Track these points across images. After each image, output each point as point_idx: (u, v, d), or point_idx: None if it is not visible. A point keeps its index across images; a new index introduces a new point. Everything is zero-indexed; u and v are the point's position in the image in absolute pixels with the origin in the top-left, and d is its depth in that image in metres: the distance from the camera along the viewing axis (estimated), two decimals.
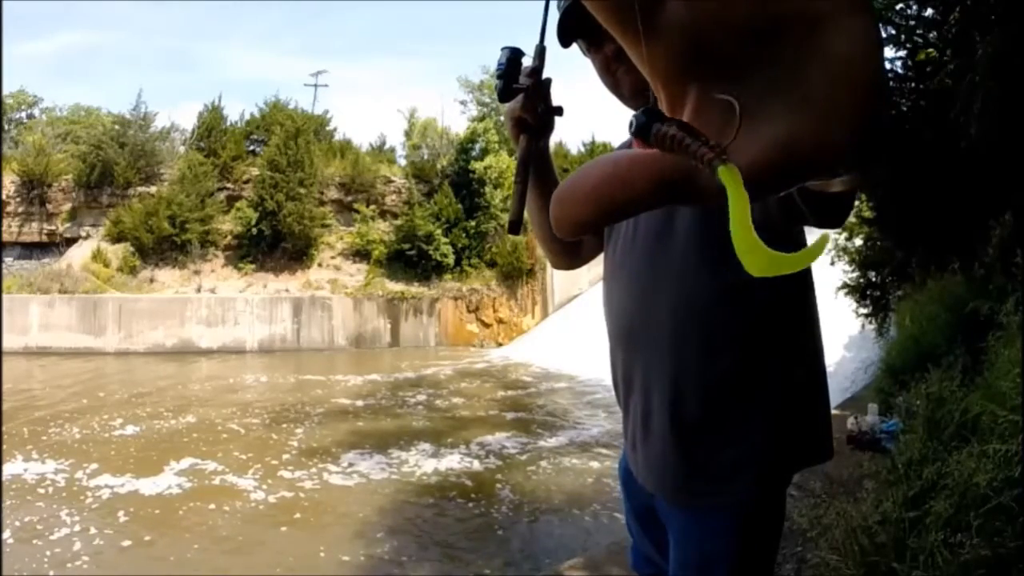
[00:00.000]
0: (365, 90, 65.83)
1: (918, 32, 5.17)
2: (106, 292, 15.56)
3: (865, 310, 7.59)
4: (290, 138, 18.02)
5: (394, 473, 6.27)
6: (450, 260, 17.87)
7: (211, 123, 19.35)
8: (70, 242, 17.56)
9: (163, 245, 17.10)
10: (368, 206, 18.69)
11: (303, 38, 71.61)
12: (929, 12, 5.10)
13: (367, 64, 69.93)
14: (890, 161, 4.84)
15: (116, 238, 17.06)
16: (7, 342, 13.03)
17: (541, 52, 0.87)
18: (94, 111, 23.81)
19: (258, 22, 78.43)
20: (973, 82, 3.78)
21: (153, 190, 17.75)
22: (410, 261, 17.80)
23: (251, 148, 19.86)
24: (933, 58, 5.02)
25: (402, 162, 21.20)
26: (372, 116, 55.85)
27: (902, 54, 5.29)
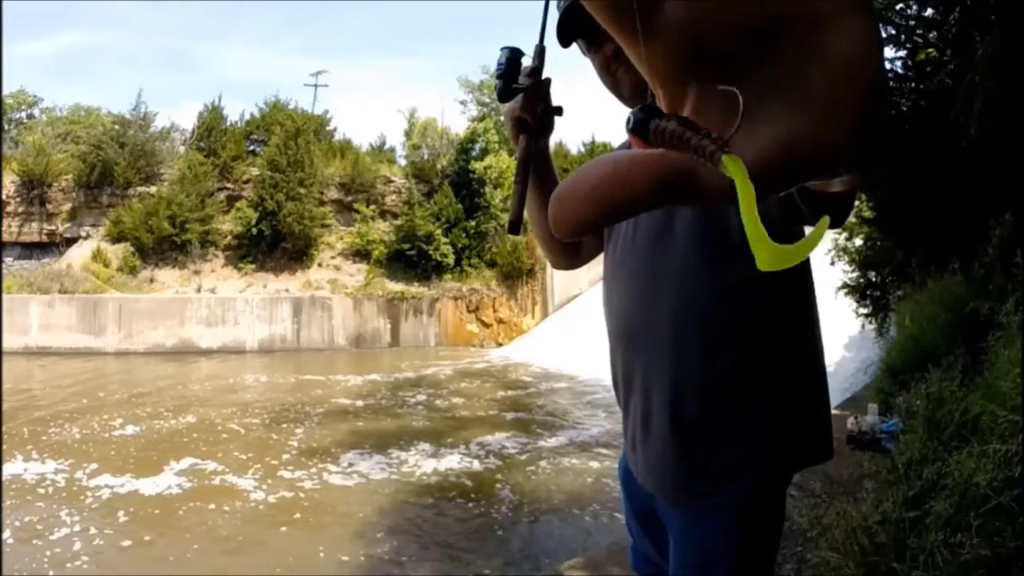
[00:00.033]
0: (365, 90, 65.80)
1: (918, 32, 5.17)
2: (106, 292, 15.56)
3: (865, 310, 7.58)
4: (290, 138, 18.02)
5: (394, 473, 6.27)
6: (450, 260, 17.87)
7: (211, 123, 19.35)
8: (70, 242, 17.56)
9: (163, 245, 17.10)
10: (368, 206, 18.69)
11: (303, 38, 71.56)
12: (929, 12, 5.10)
13: (367, 64, 69.89)
14: (890, 161, 4.84)
15: (116, 238, 17.07)
16: (7, 342, 13.03)
17: (541, 52, 0.87)
18: (94, 111, 23.84)
19: (258, 22, 78.38)
20: (973, 82, 3.78)
21: (153, 190, 17.76)
22: (410, 261, 17.80)
23: (251, 148, 19.86)
24: (933, 58, 5.02)
25: (402, 162, 21.22)
26: (372, 116, 55.85)
27: (902, 54, 5.30)
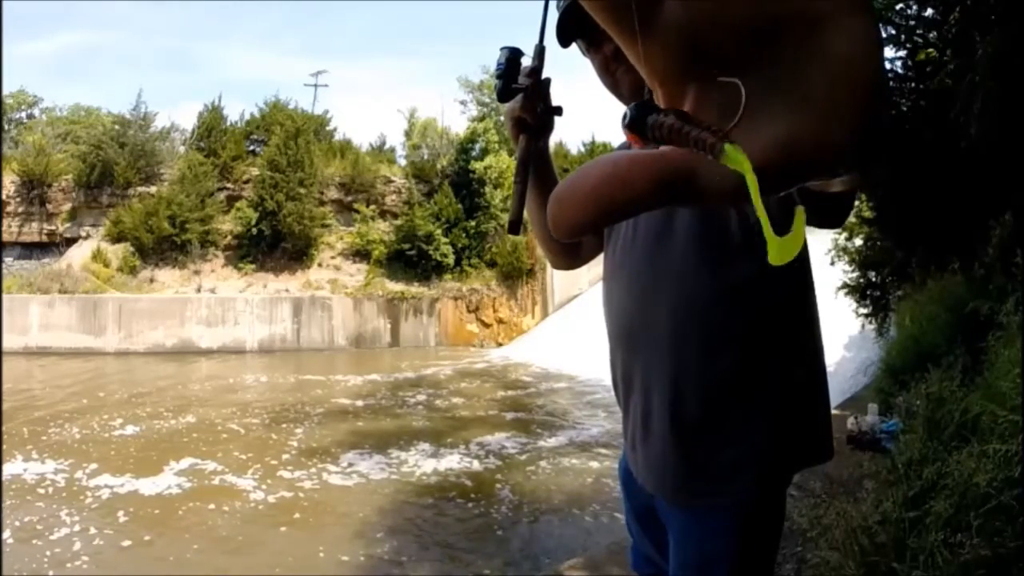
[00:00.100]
0: (365, 90, 65.68)
1: (918, 32, 5.17)
2: (106, 292, 15.55)
3: (865, 310, 7.58)
4: (290, 138, 18.02)
5: (394, 473, 6.27)
6: (450, 260, 17.86)
7: (211, 123, 19.34)
8: (70, 242, 17.55)
9: (163, 245, 17.09)
10: (368, 206, 18.69)
11: (303, 38, 71.45)
12: (929, 12, 5.10)
13: (367, 64, 69.81)
14: (890, 161, 4.83)
15: (116, 238, 17.06)
16: (7, 342, 13.03)
17: (540, 52, 0.87)
18: (94, 111, 23.83)
19: (258, 22, 78.23)
20: (973, 82, 3.78)
21: (153, 190, 17.75)
22: (410, 261, 17.79)
23: (251, 148, 19.85)
24: (933, 58, 5.02)
25: (402, 162, 21.20)
26: (372, 116, 55.71)
27: (902, 54, 5.30)
